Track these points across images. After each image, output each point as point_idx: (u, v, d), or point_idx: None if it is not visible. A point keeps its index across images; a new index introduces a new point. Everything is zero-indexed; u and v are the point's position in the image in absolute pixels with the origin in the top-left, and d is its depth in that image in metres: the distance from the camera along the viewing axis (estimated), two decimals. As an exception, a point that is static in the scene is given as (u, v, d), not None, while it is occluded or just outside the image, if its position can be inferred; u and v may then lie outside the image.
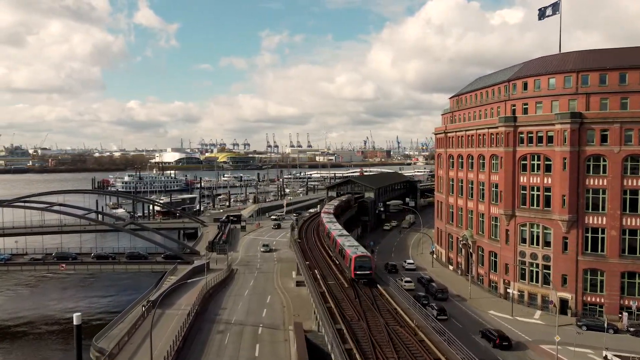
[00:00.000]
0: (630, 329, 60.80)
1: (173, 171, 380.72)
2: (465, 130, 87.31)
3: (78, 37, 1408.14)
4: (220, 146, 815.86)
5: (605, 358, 52.71)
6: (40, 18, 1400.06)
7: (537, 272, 70.72)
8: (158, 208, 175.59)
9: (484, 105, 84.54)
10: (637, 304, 63.64)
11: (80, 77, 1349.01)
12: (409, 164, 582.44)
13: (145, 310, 62.70)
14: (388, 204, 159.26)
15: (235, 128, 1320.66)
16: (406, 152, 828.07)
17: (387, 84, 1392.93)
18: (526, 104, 73.54)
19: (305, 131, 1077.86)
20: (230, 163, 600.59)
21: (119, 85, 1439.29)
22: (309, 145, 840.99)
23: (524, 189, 72.29)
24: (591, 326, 61.33)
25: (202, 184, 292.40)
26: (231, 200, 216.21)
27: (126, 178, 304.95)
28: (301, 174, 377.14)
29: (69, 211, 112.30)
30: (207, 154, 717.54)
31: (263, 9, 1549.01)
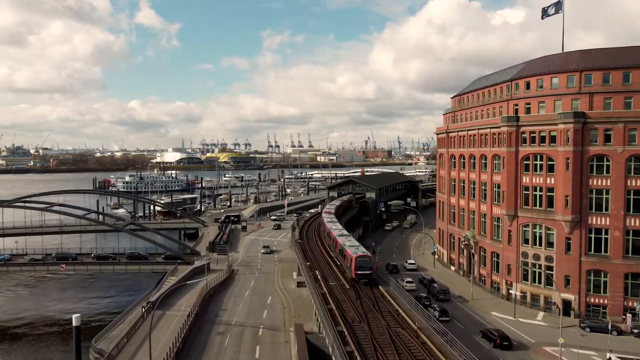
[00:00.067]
0: (634, 330, 60.24)
1: (174, 171, 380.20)
2: (467, 130, 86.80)
3: (79, 37, 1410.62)
4: (222, 146, 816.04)
5: (609, 360, 52.25)
6: (41, 18, 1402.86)
7: (540, 273, 70.18)
8: (159, 208, 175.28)
9: (486, 105, 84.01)
10: (641, 305, 63.14)
11: (82, 77, 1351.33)
12: (410, 164, 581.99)
13: (145, 311, 62.36)
14: (389, 204, 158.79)
15: (236, 128, 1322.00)
16: (407, 152, 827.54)
17: (389, 83, 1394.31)
18: (529, 104, 73.02)
19: (307, 131, 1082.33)
20: (232, 163, 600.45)
21: (120, 85, 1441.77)
22: (310, 145, 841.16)
23: (527, 189, 71.77)
24: (594, 328, 60.82)
25: (203, 184, 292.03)
26: (232, 200, 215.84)
27: (127, 178, 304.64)
28: (302, 174, 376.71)
29: (69, 211, 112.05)
30: (209, 154, 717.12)
31: (264, 8, 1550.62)
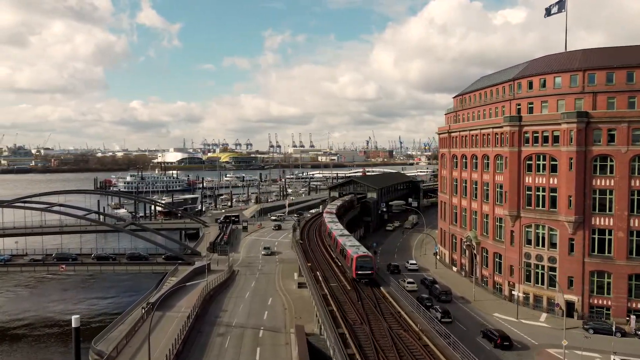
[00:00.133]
0: (639, 332, 59.72)
1: (175, 171, 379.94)
2: (469, 130, 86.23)
3: (81, 37, 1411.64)
4: (223, 146, 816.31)
5: (613, 362, 51.72)
6: (42, 18, 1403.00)
7: (543, 274, 69.61)
8: (160, 208, 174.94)
9: (488, 105, 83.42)
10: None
11: (83, 77, 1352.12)
12: (412, 164, 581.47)
13: (144, 312, 61.96)
14: (391, 204, 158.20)
15: (237, 128, 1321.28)
16: (409, 152, 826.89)
17: (390, 83, 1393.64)
18: (531, 103, 72.40)
19: (308, 131, 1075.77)
20: (233, 163, 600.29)
21: (122, 85, 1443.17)
22: (312, 145, 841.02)
23: (529, 189, 71.21)
24: (598, 329, 60.27)
25: (204, 184, 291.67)
26: (233, 200, 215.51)
27: (128, 178, 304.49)
28: (303, 174, 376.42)
29: (69, 212, 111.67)
30: (210, 154, 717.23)
31: (265, 8, 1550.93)
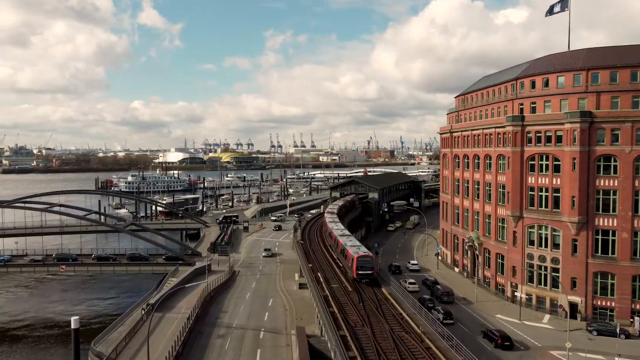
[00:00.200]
0: (643, 334, 59.19)
1: (176, 171, 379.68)
2: (472, 129, 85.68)
3: (82, 38, 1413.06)
4: (224, 146, 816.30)
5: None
6: (44, 18, 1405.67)
7: (546, 275, 69.06)
8: (160, 208, 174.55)
9: (491, 104, 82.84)
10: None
11: (85, 78, 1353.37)
12: (413, 164, 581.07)
13: (144, 313, 61.52)
14: (392, 204, 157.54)
15: (239, 128, 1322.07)
16: (410, 152, 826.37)
17: (391, 83, 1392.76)
18: (534, 103, 71.83)
19: (309, 131, 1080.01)
20: (234, 163, 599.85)
21: (123, 86, 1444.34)
22: (313, 145, 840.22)
23: (532, 189, 70.64)
24: (602, 331, 59.71)
25: (206, 184, 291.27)
26: (234, 200, 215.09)
27: (129, 178, 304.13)
28: (305, 174, 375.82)
29: (69, 212, 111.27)
30: (211, 154, 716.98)
31: (266, 8, 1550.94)
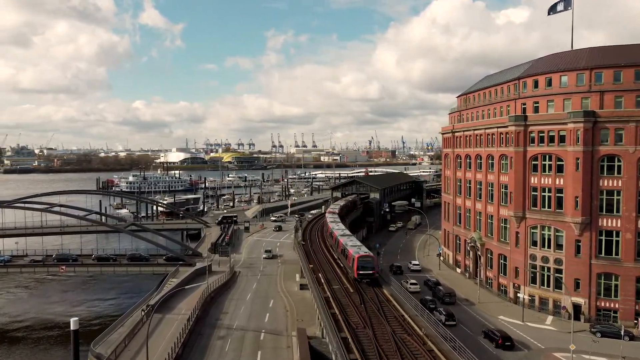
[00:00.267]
0: (647, 335, 58.60)
1: (178, 171, 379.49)
2: (474, 129, 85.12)
3: (84, 38, 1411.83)
4: (225, 146, 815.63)
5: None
6: (46, 18, 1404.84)
7: (549, 276, 68.50)
8: (161, 208, 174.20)
9: (493, 104, 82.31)
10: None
11: (86, 78, 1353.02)
12: (414, 164, 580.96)
13: (144, 314, 61.08)
14: (393, 204, 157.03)
15: (240, 128, 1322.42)
16: (411, 152, 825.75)
17: (392, 83, 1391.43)
18: (537, 103, 71.33)
19: (310, 131, 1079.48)
20: (235, 163, 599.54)
21: (125, 86, 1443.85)
22: (314, 145, 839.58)
23: (535, 190, 70.10)
24: (606, 333, 59.10)
25: (207, 184, 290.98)
26: (235, 200, 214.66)
27: (130, 178, 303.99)
28: (306, 174, 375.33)
29: (69, 212, 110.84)
30: (212, 154, 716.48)
31: (267, 8, 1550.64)
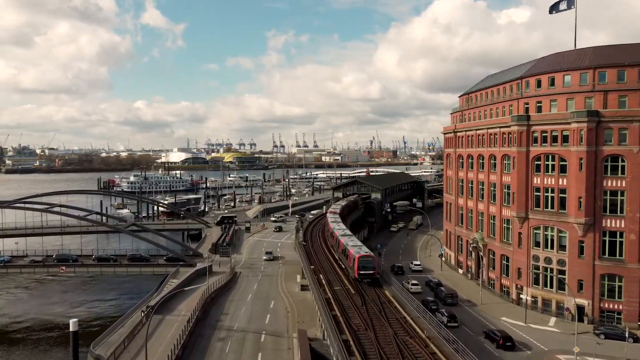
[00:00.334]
0: (651, 337, 57.97)
1: (179, 171, 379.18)
2: (476, 129, 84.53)
3: (85, 38, 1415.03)
4: (227, 146, 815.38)
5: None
6: (47, 19, 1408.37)
7: (552, 277, 67.92)
8: (162, 209, 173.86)
9: (496, 104, 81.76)
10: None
11: (88, 78, 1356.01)
12: (416, 164, 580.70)
13: (144, 316, 60.66)
14: (395, 204, 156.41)
15: (241, 128, 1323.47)
16: (413, 152, 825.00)
17: (394, 83, 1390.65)
18: (540, 102, 70.79)
19: (312, 131, 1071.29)
20: (237, 163, 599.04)
21: (126, 86, 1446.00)
22: (315, 145, 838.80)
23: (538, 190, 69.50)
24: (610, 334, 58.59)
25: (208, 184, 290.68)
26: (236, 200, 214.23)
27: (132, 178, 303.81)
28: (307, 174, 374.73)
29: (69, 212, 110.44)
30: (213, 154, 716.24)
31: (268, 8, 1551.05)
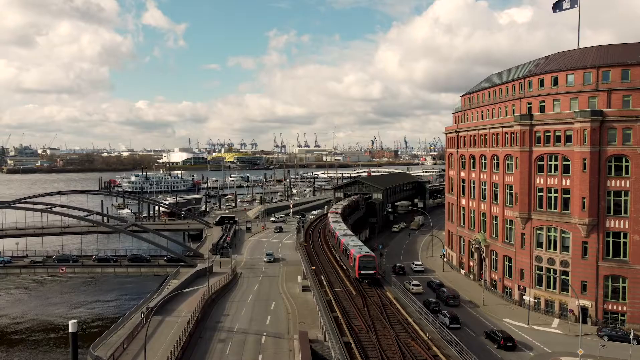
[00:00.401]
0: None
1: (180, 171, 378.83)
2: (478, 129, 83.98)
3: (87, 38, 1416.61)
4: (228, 146, 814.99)
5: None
6: (49, 19, 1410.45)
7: (555, 278, 67.36)
8: (163, 209, 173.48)
9: (498, 103, 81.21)
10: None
11: (89, 78, 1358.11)
12: (417, 164, 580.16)
13: (144, 317, 60.25)
14: (396, 205, 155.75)
15: (242, 128, 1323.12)
16: (414, 152, 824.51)
17: (395, 83, 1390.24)
18: (543, 102, 70.23)
19: (313, 131, 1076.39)
20: (238, 163, 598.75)
21: (128, 86, 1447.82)
22: (317, 145, 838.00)
23: (541, 190, 68.93)
24: (613, 336, 58.03)
25: (209, 184, 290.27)
26: (237, 200, 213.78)
27: (133, 178, 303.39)
28: (308, 174, 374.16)
29: (70, 212, 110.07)
30: (215, 154, 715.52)
31: (270, 8, 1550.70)
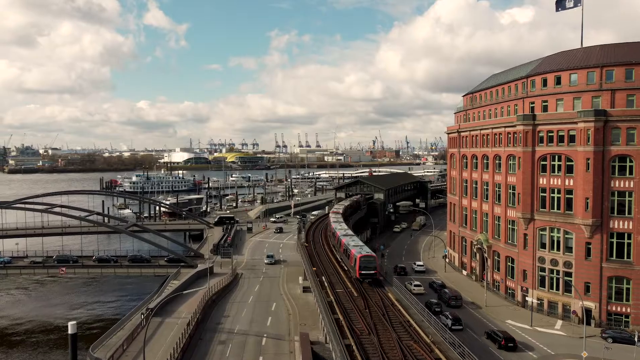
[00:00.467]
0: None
1: (181, 171, 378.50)
2: (480, 129, 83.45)
3: (88, 38, 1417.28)
4: (229, 146, 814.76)
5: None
6: (51, 19, 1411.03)
7: (558, 279, 66.79)
8: (164, 209, 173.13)
9: (500, 103, 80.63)
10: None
11: (91, 78, 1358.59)
12: (418, 164, 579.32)
13: (143, 318, 59.84)
14: (398, 205, 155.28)
15: (244, 128, 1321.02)
16: (415, 152, 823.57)
17: (396, 83, 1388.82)
18: (546, 102, 69.64)
19: (314, 131, 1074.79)
20: (239, 163, 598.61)
21: (129, 86, 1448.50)
22: (318, 145, 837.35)
23: (544, 191, 68.40)
24: (617, 338, 57.46)
25: (210, 184, 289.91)
26: (239, 200, 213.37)
27: (134, 178, 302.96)
28: (309, 174, 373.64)
29: (70, 213, 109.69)
30: (216, 154, 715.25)
31: (271, 8, 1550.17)
